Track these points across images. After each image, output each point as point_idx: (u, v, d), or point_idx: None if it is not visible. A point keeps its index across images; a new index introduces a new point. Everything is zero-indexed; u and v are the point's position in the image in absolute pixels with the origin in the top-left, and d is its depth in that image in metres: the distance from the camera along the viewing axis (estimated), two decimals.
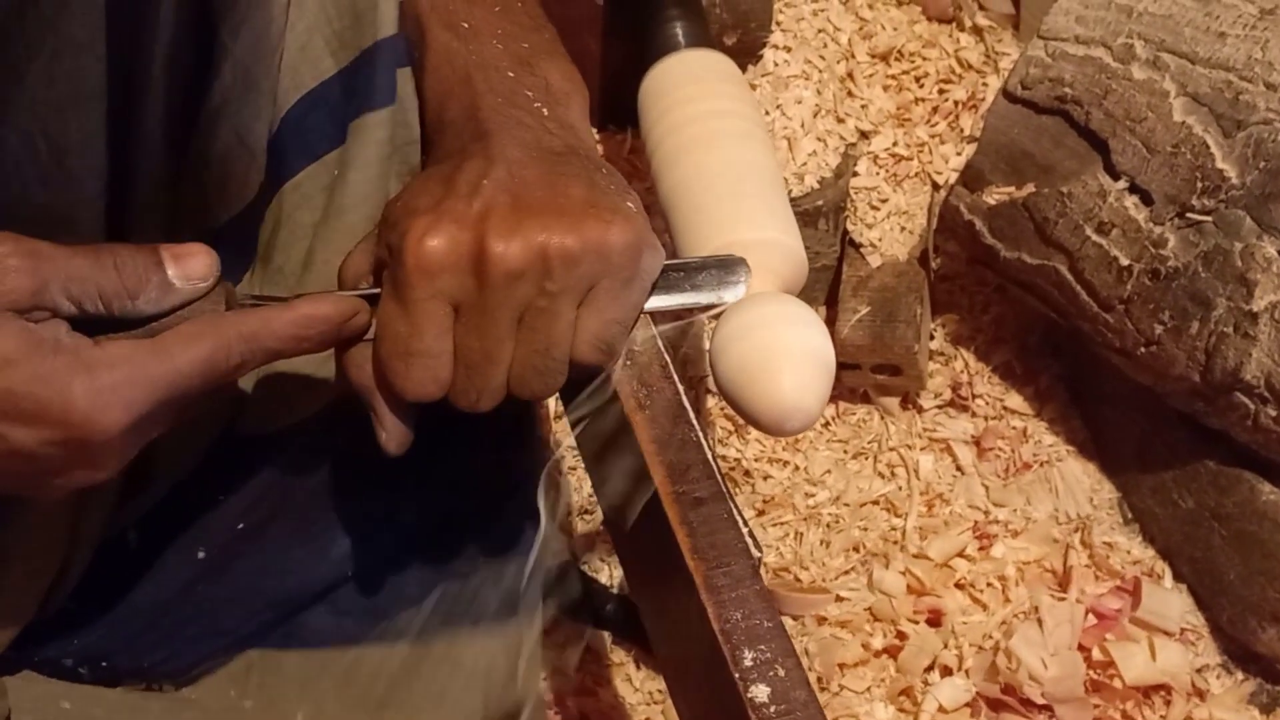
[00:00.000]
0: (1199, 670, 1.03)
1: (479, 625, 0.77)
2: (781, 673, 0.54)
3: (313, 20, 0.65)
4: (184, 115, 0.63)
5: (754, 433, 1.14)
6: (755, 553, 0.59)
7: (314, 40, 0.66)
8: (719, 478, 0.61)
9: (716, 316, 0.69)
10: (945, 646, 1.04)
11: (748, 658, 0.54)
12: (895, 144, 1.20)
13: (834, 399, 1.17)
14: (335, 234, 0.67)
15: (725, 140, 0.81)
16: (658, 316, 0.66)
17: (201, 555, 0.73)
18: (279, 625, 0.75)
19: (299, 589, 0.75)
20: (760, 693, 0.53)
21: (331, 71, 0.66)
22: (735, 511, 0.60)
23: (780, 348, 0.68)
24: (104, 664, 0.73)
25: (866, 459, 1.16)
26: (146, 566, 0.73)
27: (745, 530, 0.60)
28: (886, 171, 1.20)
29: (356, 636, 0.76)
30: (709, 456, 0.62)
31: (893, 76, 1.23)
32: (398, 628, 0.76)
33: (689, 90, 0.85)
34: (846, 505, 1.13)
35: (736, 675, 0.54)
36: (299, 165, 0.67)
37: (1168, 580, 1.07)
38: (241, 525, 0.73)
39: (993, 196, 1.03)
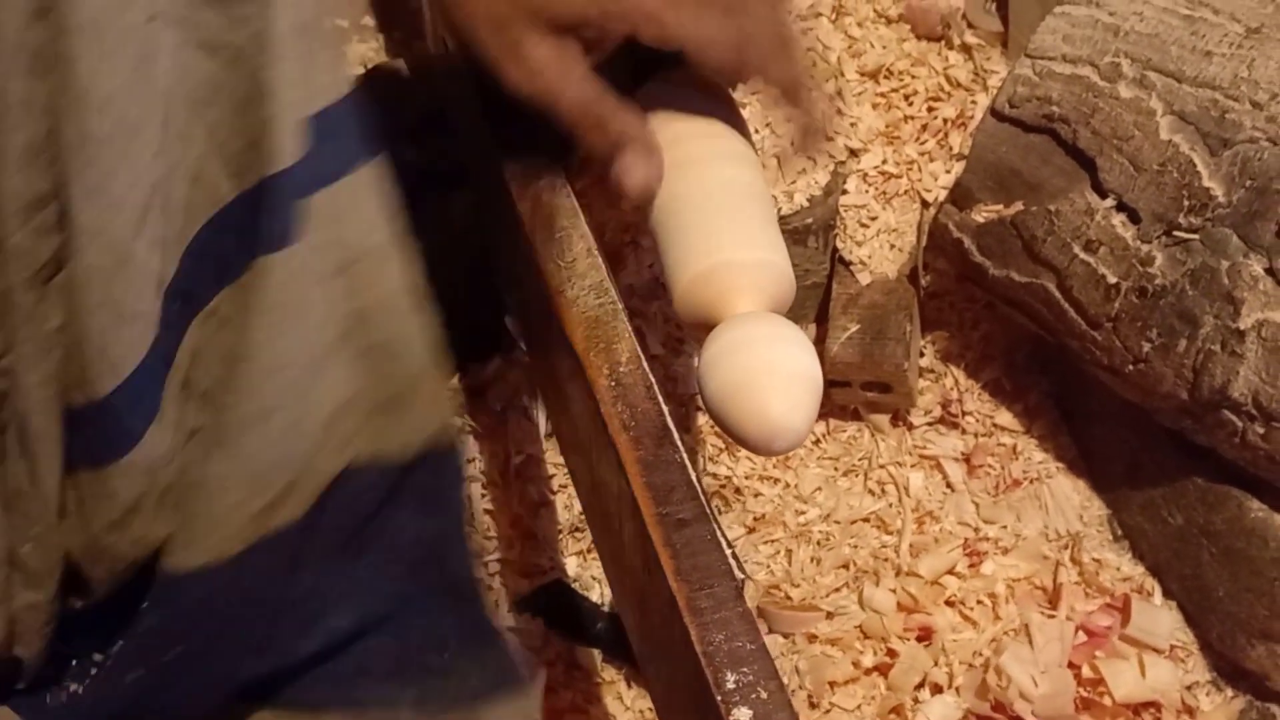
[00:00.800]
0: (1189, 687, 1.03)
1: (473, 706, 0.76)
2: (764, 695, 0.54)
3: (203, 148, 0.61)
4: (50, 283, 0.60)
5: (744, 451, 1.14)
6: (739, 574, 0.59)
7: (208, 167, 0.62)
8: (704, 499, 0.62)
9: None
10: (935, 664, 1.04)
11: (730, 680, 0.55)
12: (884, 162, 1.20)
13: (824, 416, 1.18)
14: (246, 382, 0.63)
15: (713, 159, 0.81)
16: None
17: (150, 669, 0.69)
18: (267, 696, 0.74)
19: (272, 668, 0.73)
20: (743, 715, 0.54)
21: (232, 195, 0.62)
22: (719, 534, 0.60)
23: (767, 367, 0.68)
24: None
25: (857, 476, 1.16)
26: (101, 680, 0.69)
27: (729, 552, 0.60)
28: (876, 189, 1.20)
29: (357, 702, 0.74)
30: (693, 478, 0.62)
31: (882, 94, 1.23)
32: (391, 701, 0.74)
33: (677, 109, 0.85)
34: (837, 523, 1.13)
35: (719, 698, 0.54)
36: (210, 294, 0.63)
37: (1157, 597, 1.07)
38: (180, 649, 0.69)
39: (981, 214, 1.04)
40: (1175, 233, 0.92)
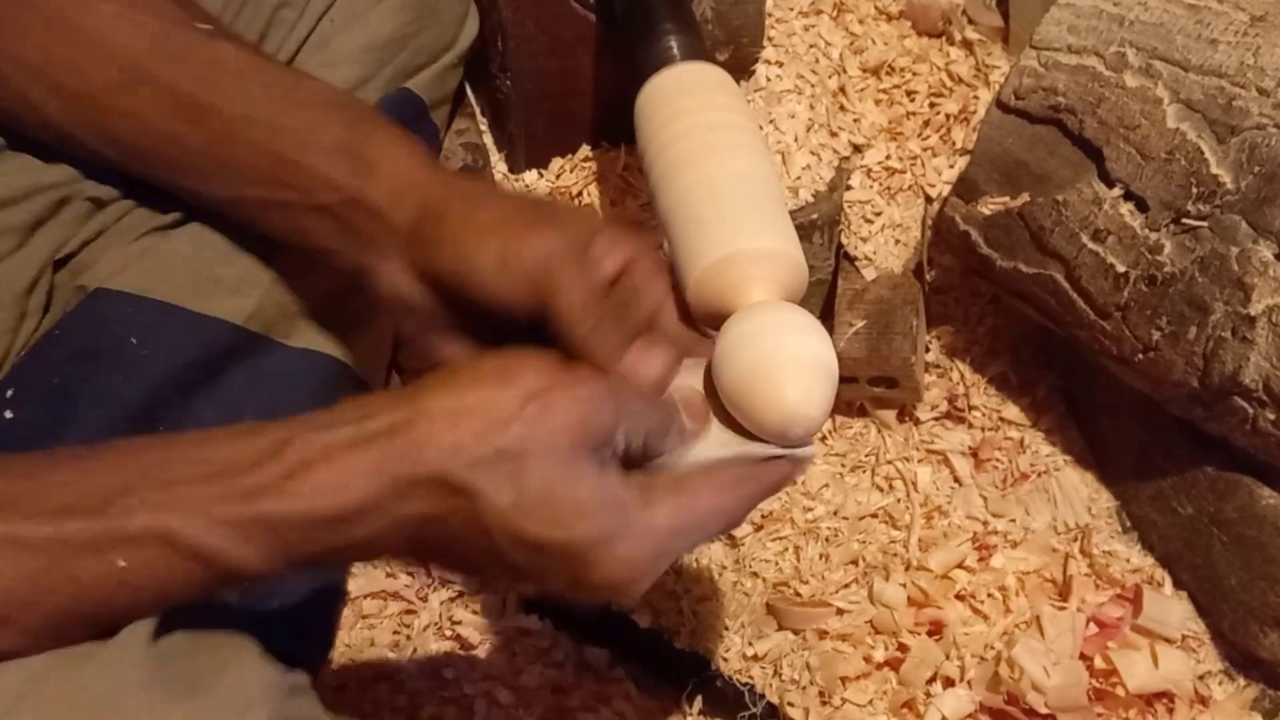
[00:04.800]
0: (1201, 677, 1.03)
1: None
2: None
3: None
4: None
5: None
6: None
7: None
8: None
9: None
10: (947, 658, 1.04)
11: None
12: (888, 157, 1.20)
13: (831, 412, 1.17)
14: None
15: (724, 151, 0.81)
16: None
17: None
18: None
19: None
20: None
21: None
22: None
23: (783, 356, 0.69)
24: None
25: (864, 472, 1.16)
26: None
27: None
28: (880, 185, 1.20)
29: None
30: None
31: (884, 90, 1.23)
32: None
33: (686, 103, 0.85)
34: (845, 519, 1.13)
35: None
36: None
37: (1168, 587, 1.07)
38: None
39: (988, 207, 1.04)
40: (1184, 220, 0.92)
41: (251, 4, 0.84)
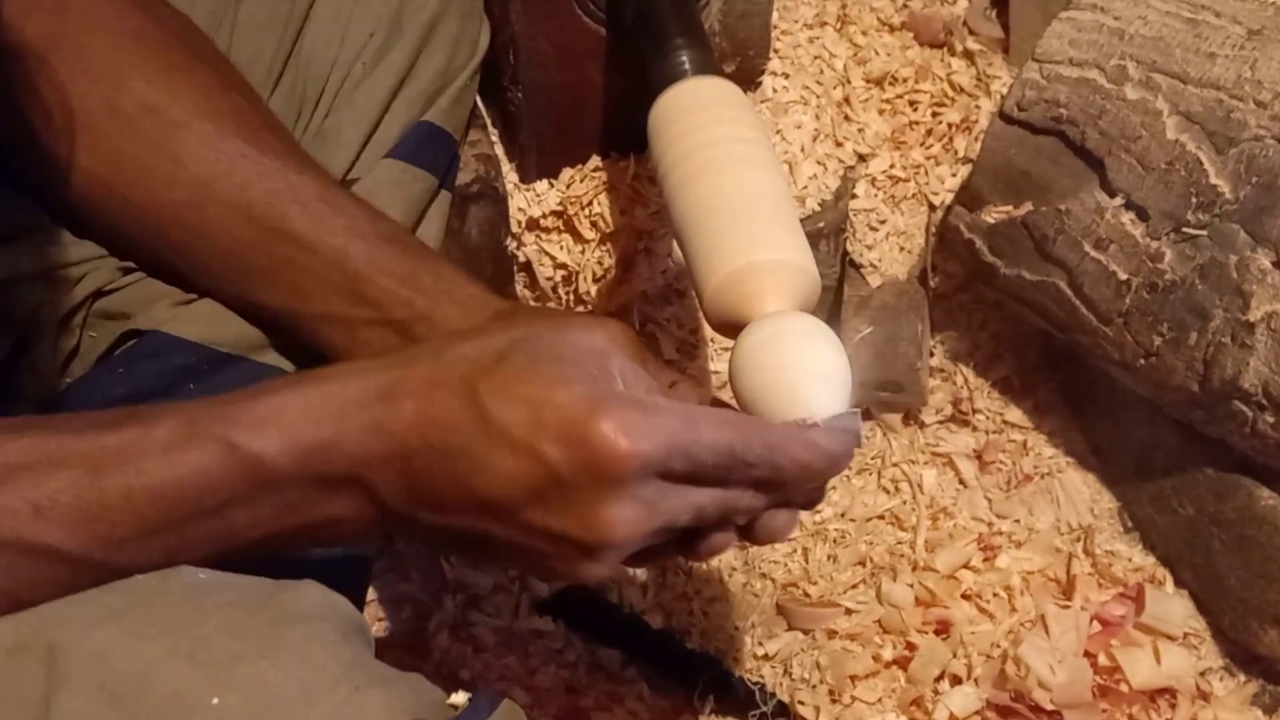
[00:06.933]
0: (1203, 673, 1.05)
1: None
2: None
3: None
4: None
5: None
6: None
7: None
8: None
9: None
10: (954, 656, 1.06)
11: None
12: (892, 166, 1.22)
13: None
14: None
15: (736, 164, 0.83)
16: None
17: None
18: None
19: None
20: None
21: None
22: None
23: (799, 364, 0.70)
24: None
25: (871, 475, 1.18)
26: None
27: None
28: (884, 193, 1.22)
29: None
30: None
31: (887, 101, 1.25)
32: None
33: (698, 117, 0.87)
34: (852, 521, 1.15)
35: None
36: None
37: (1169, 586, 1.10)
38: None
39: (992, 215, 1.06)
40: (1184, 229, 0.95)
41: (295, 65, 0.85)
